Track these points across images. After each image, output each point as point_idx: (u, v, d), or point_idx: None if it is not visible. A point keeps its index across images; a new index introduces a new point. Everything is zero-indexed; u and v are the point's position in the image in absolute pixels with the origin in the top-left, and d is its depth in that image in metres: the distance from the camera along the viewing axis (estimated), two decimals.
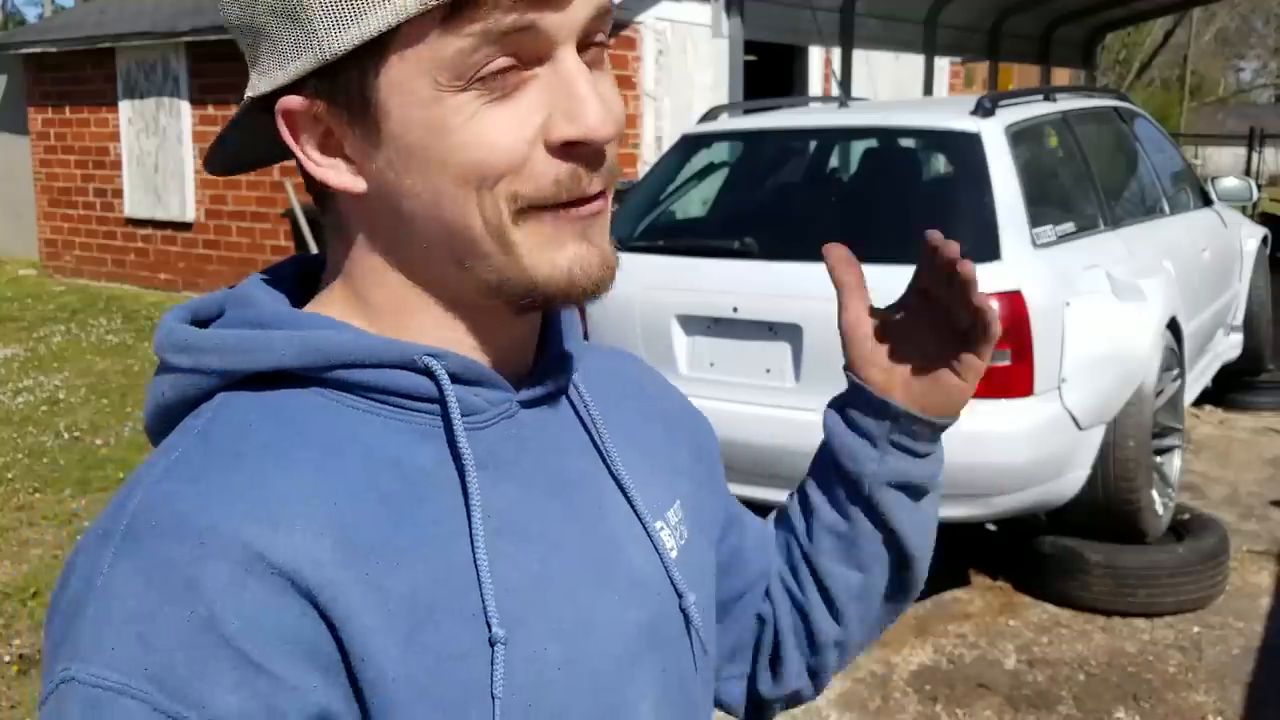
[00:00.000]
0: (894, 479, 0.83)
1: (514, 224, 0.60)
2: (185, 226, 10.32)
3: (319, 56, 0.58)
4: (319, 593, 0.55)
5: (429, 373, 0.62)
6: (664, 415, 0.82)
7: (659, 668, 0.70)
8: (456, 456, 0.62)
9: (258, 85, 0.61)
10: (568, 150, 0.59)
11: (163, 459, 0.60)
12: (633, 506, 0.71)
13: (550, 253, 0.61)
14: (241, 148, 0.69)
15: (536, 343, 0.70)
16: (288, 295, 0.68)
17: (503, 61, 0.57)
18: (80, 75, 10.86)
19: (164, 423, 0.64)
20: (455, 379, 0.63)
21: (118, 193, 10.84)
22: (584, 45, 0.60)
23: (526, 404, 0.68)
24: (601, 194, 0.62)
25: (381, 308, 0.64)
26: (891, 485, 0.83)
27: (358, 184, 0.61)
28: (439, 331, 0.64)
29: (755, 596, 0.87)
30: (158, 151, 10.35)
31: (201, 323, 0.67)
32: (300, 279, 0.71)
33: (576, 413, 0.72)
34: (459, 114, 0.58)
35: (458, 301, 0.64)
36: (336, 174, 0.61)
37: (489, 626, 0.59)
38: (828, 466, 0.84)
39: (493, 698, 0.59)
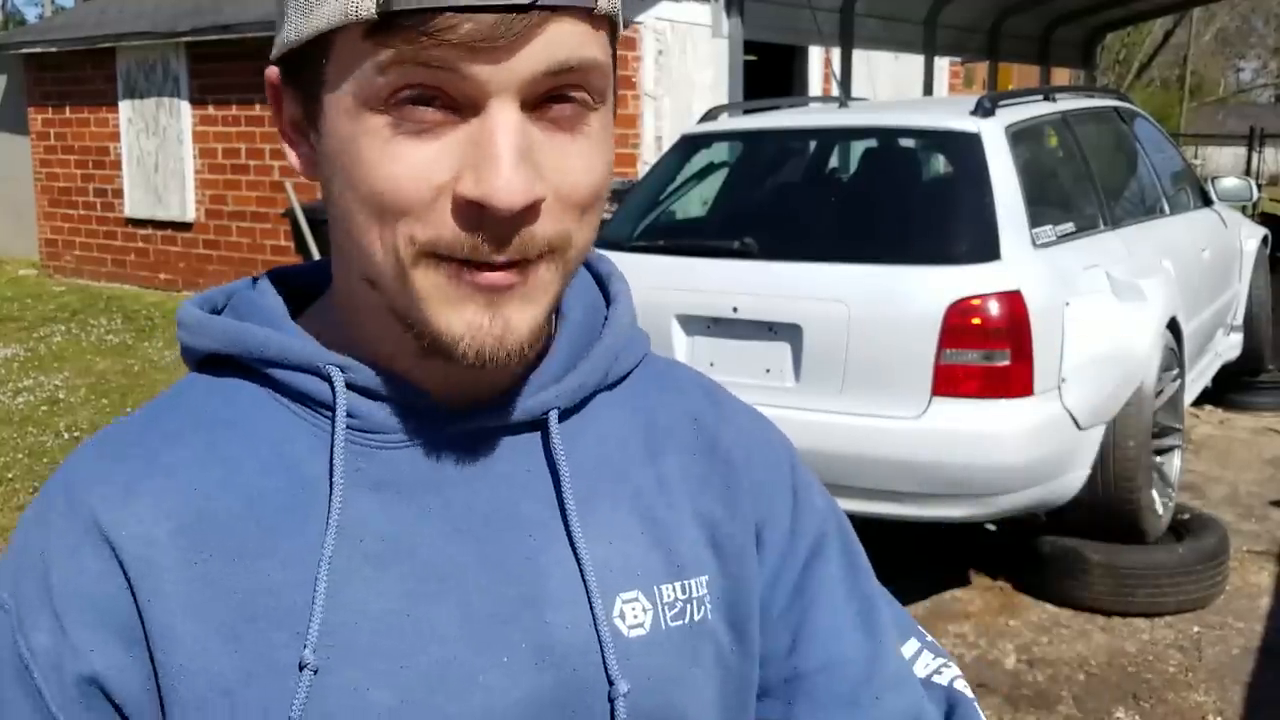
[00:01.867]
0: None
1: (413, 266, 0.56)
2: (185, 226, 10.32)
3: (284, 39, 0.60)
4: (134, 570, 0.58)
5: (330, 380, 0.61)
6: (728, 480, 0.69)
7: None
8: (330, 467, 0.60)
9: (272, 54, 0.63)
10: (471, 210, 0.54)
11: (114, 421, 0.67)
12: (580, 570, 0.62)
13: (447, 309, 0.56)
14: None
15: (518, 372, 0.63)
16: (311, 290, 0.70)
17: (413, 92, 0.54)
18: (80, 75, 10.86)
19: None
20: (365, 393, 0.61)
21: (118, 193, 10.84)
22: (546, 101, 0.55)
23: (476, 434, 0.62)
24: (515, 265, 0.56)
25: (346, 308, 0.64)
26: None
27: (310, 171, 0.61)
28: (383, 344, 0.62)
29: None
30: (158, 151, 10.35)
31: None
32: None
33: (549, 453, 0.64)
34: (370, 136, 0.55)
35: (395, 316, 0.60)
36: (293, 154, 0.62)
37: (304, 648, 0.57)
38: None
39: (289, 717, 0.57)
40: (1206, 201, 5.49)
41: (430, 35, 0.52)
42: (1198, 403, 5.68)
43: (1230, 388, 5.93)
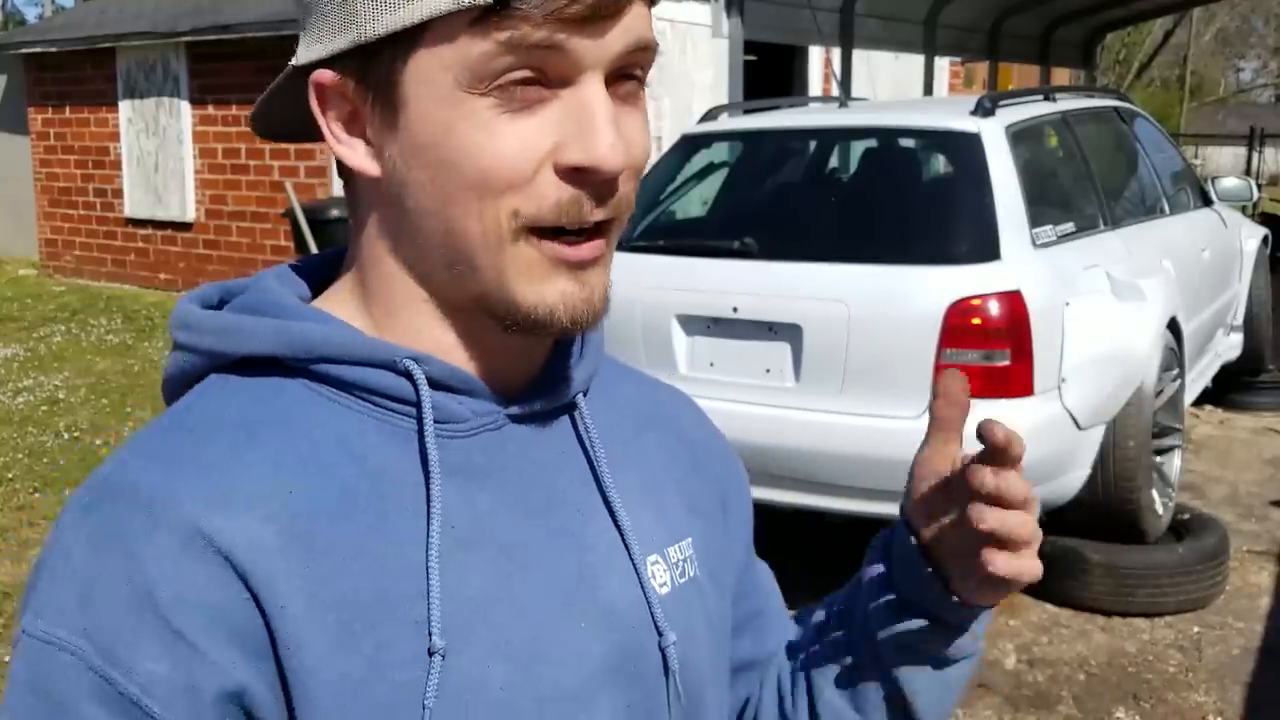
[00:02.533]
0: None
1: (511, 242, 0.60)
2: (185, 226, 10.32)
3: (356, 37, 0.59)
4: (254, 577, 0.56)
5: (409, 375, 0.62)
6: (694, 453, 0.79)
7: (623, 704, 0.66)
8: (424, 461, 0.62)
9: (300, 55, 0.63)
10: (575, 176, 0.59)
11: (143, 431, 0.62)
12: (621, 535, 0.69)
13: (538, 283, 0.61)
14: (278, 115, 0.69)
15: (545, 357, 0.68)
16: (319, 283, 0.69)
17: (523, 73, 0.57)
18: (80, 75, 10.86)
19: (170, 397, 0.67)
20: (437, 385, 0.63)
21: (118, 193, 10.84)
22: (618, 78, 0.60)
23: (518, 418, 0.67)
24: (600, 230, 0.61)
25: (381, 299, 0.65)
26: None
27: (373, 168, 0.62)
28: (432, 332, 0.64)
29: (755, 675, 0.83)
30: (158, 151, 10.35)
31: (222, 305, 0.68)
32: (335, 266, 0.71)
33: (578, 433, 0.70)
34: (473, 118, 0.58)
35: (450, 305, 0.64)
36: (354, 154, 0.62)
37: (430, 636, 0.59)
38: (854, 612, 0.76)
39: (424, 707, 0.58)
40: (1206, 201, 5.49)
41: (546, 16, 0.56)
42: (1198, 403, 5.68)
43: (1230, 388, 5.93)
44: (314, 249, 8.06)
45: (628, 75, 0.61)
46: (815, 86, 10.67)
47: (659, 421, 0.78)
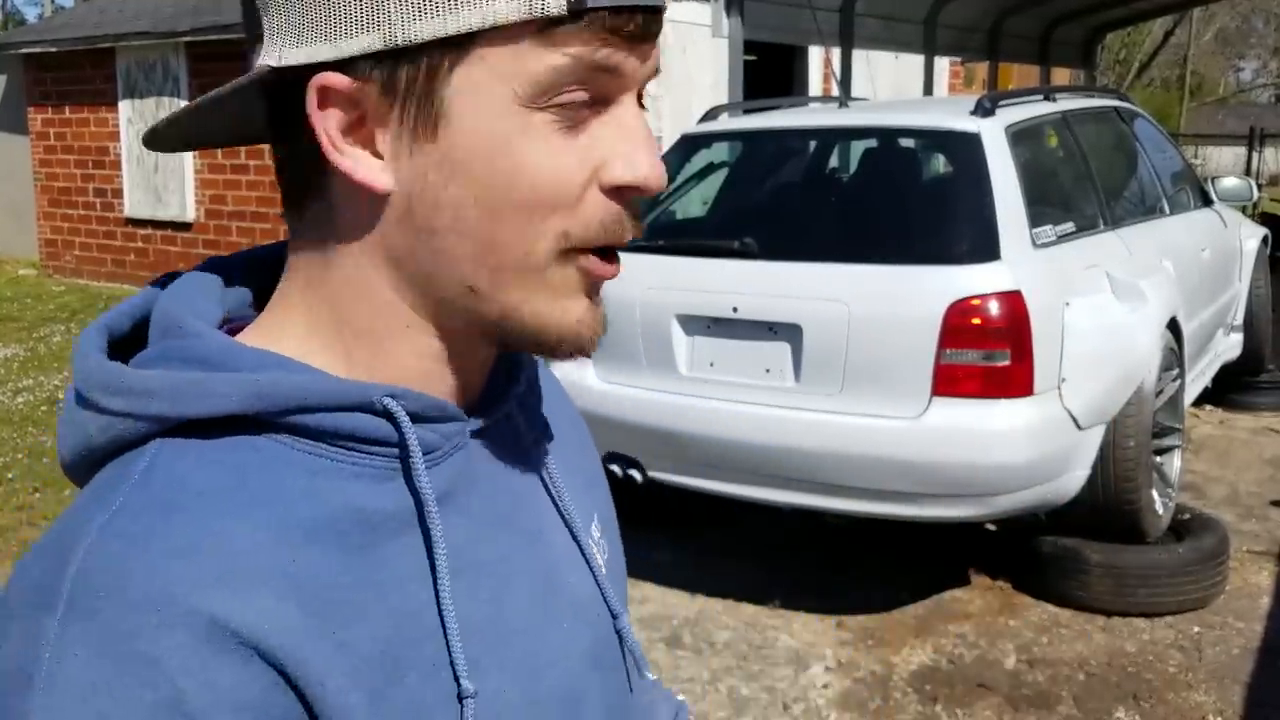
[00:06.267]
0: None
1: (553, 262, 0.58)
2: (185, 226, 10.32)
3: (388, 39, 0.54)
4: (288, 660, 0.52)
5: (388, 414, 0.58)
6: (578, 429, 0.80)
7: (605, 693, 0.68)
8: (416, 498, 0.59)
9: (289, 54, 0.56)
10: (617, 194, 0.58)
11: (99, 511, 0.53)
12: (569, 527, 0.69)
13: (564, 301, 0.59)
14: (211, 122, 0.62)
15: (493, 364, 0.67)
16: (241, 295, 0.64)
17: (583, 94, 0.56)
18: (80, 75, 10.86)
19: (90, 464, 0.58)
20: (415, 418, 0.59)
21: (117, 193, 10.84)
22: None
23: (479, 432, 0.65)
24: (616, 253, 0.61)
25: (359, 326, 0.60)
26: None
27: (382, 182, 0.56)
28: (412, 360, 0.60)
29: None
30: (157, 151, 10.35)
31: (119, 342, 0.61)
32: (249, 272, 0.66)
33: (516, 432, 0.68)
34: (530, 134, 0.55)
35: (442, 327, 0.60)
36: (359, 166, 0.56)
37: (457, 681, 0.57)
38: None
39: None
40: (1206, 201, 5.49)
41: (611, 32, 0.54)
42: (1198, 403, 5.68)
43: (1230, 388, 5.93)
44: None
45: (641, 94, 0.61)
46: (815, 86, 10.67)
47: (551, 405, 0.77)
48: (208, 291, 0.62)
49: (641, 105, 0.60)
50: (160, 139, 0.63)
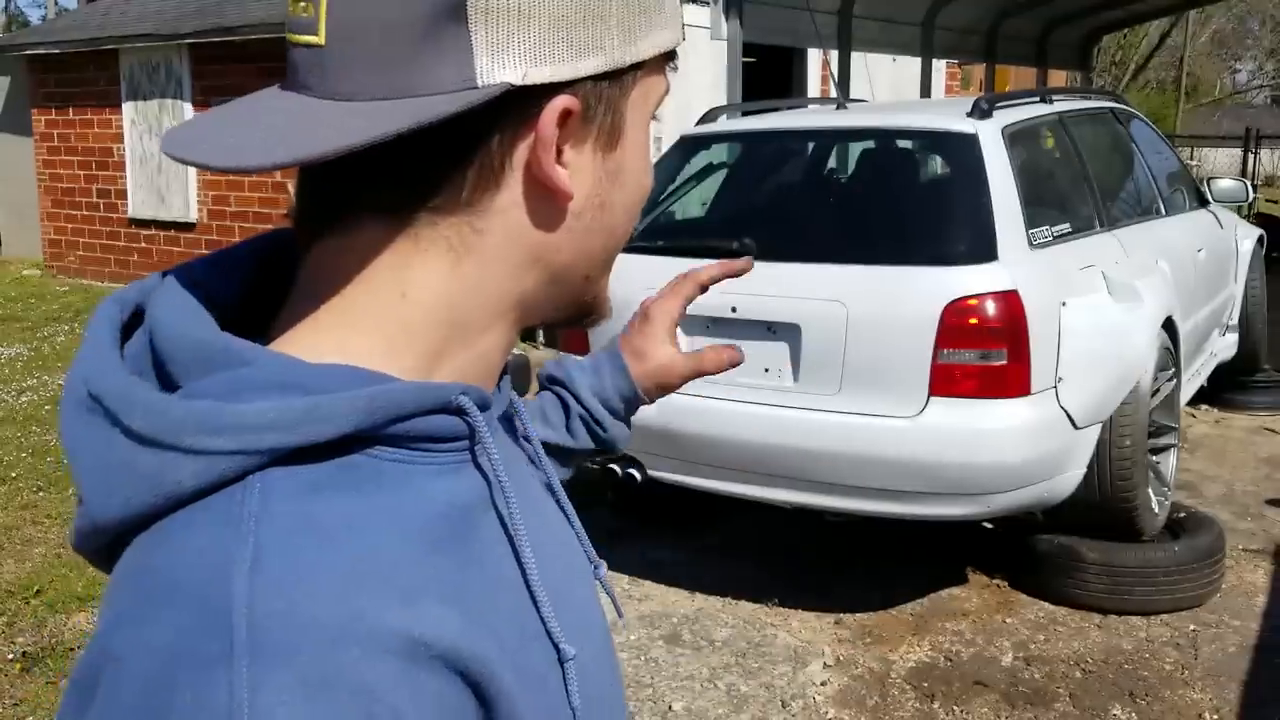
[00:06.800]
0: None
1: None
2: (188, 227, 10.34)
3: (610, 61, 0.60)
4: (469, 662, 0.53)
5: (460, 410, 0.60)
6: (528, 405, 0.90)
7: (608, 634, 0.75)
8: (487, 481, 0.62)
9: (533, 73, 0.57)
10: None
11: (234, 556, 0.51)
12: (552, 489, 0.76)
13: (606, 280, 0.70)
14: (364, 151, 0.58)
15: None
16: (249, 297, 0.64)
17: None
18: (83, 77, 10.88)
19: (154, 514, 0.54)
20: (479, 408, 0.62)
21: (121, 194, 10.86)
22: None
23: (502, 417, 0.71)
24: None
25: (462, 319, 0.61)
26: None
27: (572, 188, 0.61)
28: (491, 350, 0.65)
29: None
30: (161, 153, 10.37)
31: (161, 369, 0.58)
32: (258, 266, 0.66)
33: (502, 397, 0.75)
34: (648, 145, 0.66)
35: (528, 316, 0.66)
36: (562, 178, 0.60)
37: (555, 647, 0.61)
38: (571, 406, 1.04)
39: (572, 710, 0.62)
40: (1202, 202, 5.52)
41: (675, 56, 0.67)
42: (1193, 402, 5.71)
43: (1226, 387, 5.95)
44: None
45: None
46: (814, 88, 10.70)
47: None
48: (199, 309, 0.61)
49: None
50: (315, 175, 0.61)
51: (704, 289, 1.08)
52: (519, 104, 0.58)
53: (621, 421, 1.07)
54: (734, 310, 3.62)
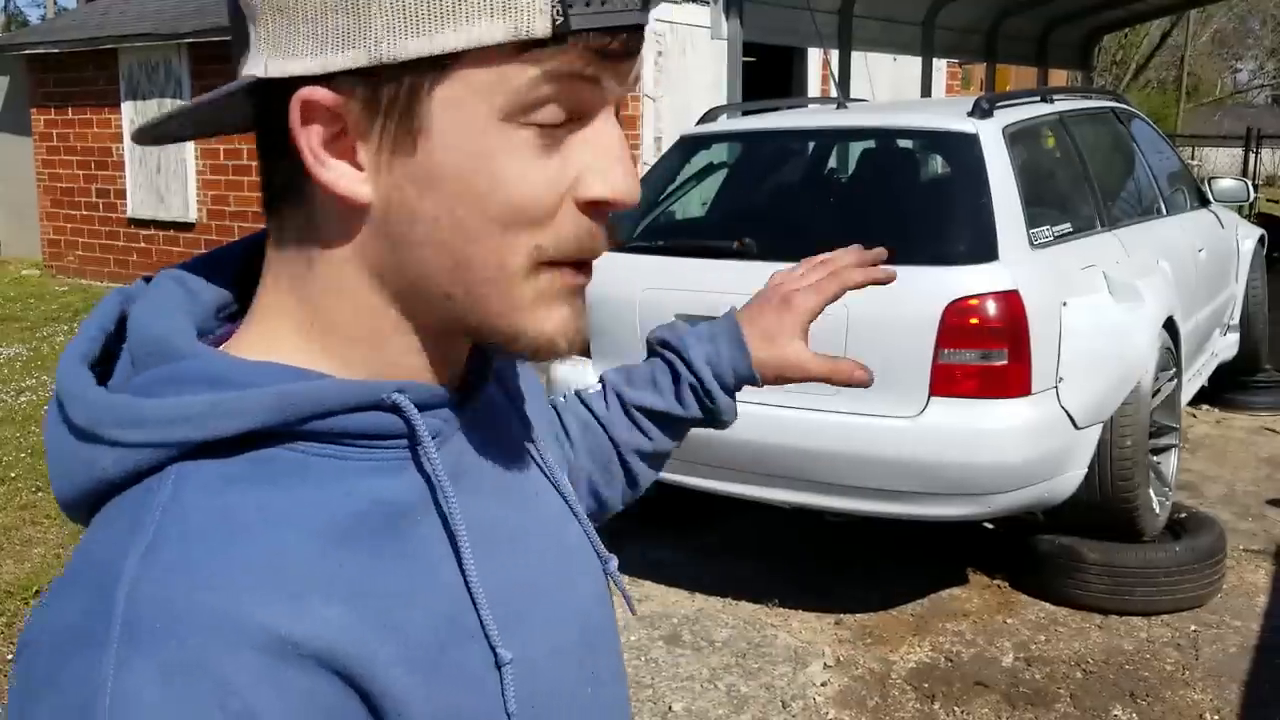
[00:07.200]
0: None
1: (527, 275, 0.59)
2: (187, 227, 10.34)
3: (373, 55, 0.54)
4: (349, 662, 0.53)
5: (395, 409, 0.59)
6: (524, 372, 0.81)
7: (609, 634, 0.74)
8: (429, 482, 0.61)
9: (275, 65, 0.56)
10: (592, 208, 0.59)
11: (133, 543, 0.53)
12: (554, 483, 0.73)
13: (542, 311, 0.60)
14: (204, 122, 0.62)
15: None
16: (215, 303, 0.65)
17: (561, 112, 0.57)
18: (82, 76, 10.88)
19: (97, 498, 0.57)
20: (419, 408, 0.61)
21: (120, 193, 10.86)
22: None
23: (469, 413, 0.67)
24: (590, 264, 0.62)
25: (350, 333, 0.61)
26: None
27: (361, 193, 0.57)
28: (408, 358, 0.62)
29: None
30: (160, 152, 10.37)
31: (93, 367, 0.60)
32: (210, 277, 0.66)
33: (497, 399, 0.73)
34: (508, 150, 0.56)
35: (427, 327, 0.62)
36: (340, 178, 0.57)
37: (493, 650, 0.60)
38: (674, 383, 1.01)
39: (507, 715, 0.60)
40: (1203, 202, 5.51)
41: (594, 52, 0.56)
42: (1194, 402, 5.70)
43: (1227, 387, 5.95)
44: None
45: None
46: (814, 88, 10.69)
47: (504, 372, 0.78)
48: (175, 306, 0.63)
49: (618, 119, 0.62)
50: (148, 134, 0.62)
51: (836, 297, 1.05)
52: (278, 99, 0.57)
53: (729, 397, 1.02)
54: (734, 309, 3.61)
